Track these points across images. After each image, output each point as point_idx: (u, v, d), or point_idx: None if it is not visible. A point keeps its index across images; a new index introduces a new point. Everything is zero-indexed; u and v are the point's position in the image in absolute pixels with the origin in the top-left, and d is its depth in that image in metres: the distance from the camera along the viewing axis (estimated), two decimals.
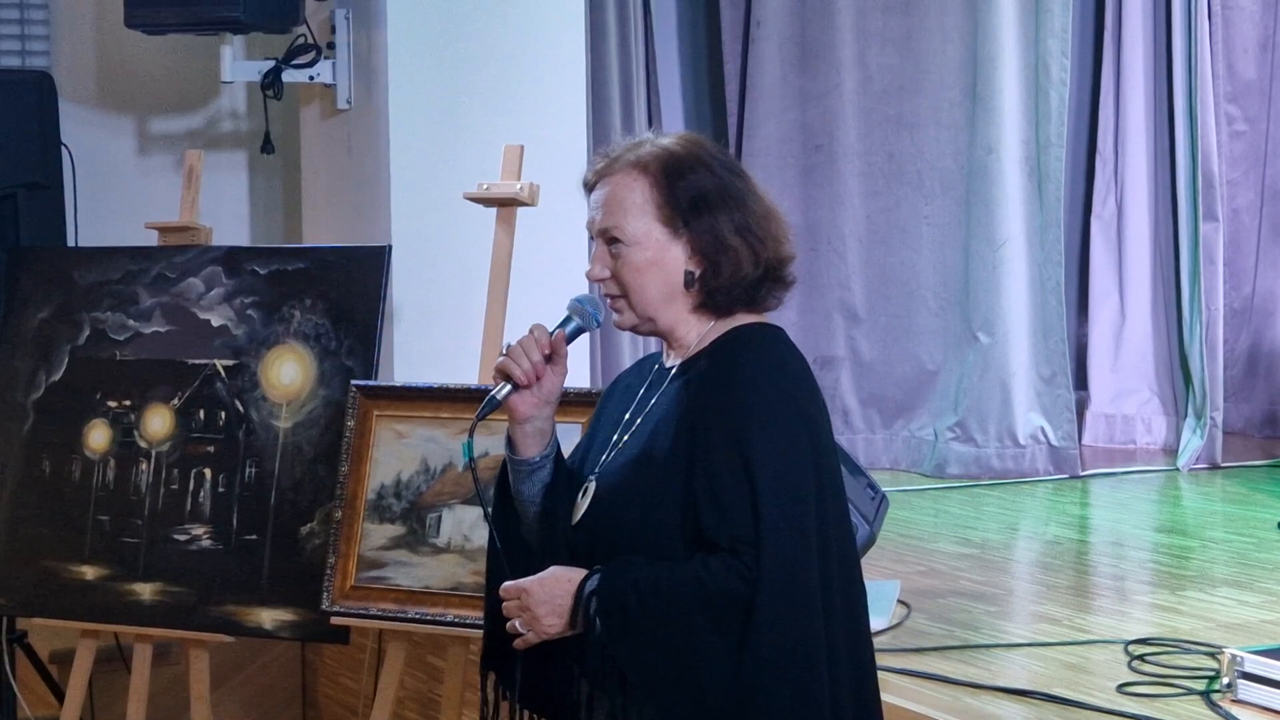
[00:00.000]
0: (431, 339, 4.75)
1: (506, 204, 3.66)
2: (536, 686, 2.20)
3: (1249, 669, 3.03)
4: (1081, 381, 6.16)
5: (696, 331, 2.13)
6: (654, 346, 2.26)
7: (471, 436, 2.17)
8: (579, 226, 5.55)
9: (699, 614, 1.98)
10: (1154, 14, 5.97)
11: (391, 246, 3.83)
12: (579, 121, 5.04)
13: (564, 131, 4.92)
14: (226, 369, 3.85)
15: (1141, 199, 6.08)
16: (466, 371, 3.73)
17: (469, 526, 3.38)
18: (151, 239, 4.17)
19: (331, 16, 5.02)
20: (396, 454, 3.50)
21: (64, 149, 4.74)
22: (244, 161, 5.64)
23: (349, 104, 5.02)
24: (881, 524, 3.80)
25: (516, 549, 2.19)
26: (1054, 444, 5.64)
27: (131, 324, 3.98)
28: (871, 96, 5.86)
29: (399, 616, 3.42)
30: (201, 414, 3.85)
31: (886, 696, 3.03)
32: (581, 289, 4.90)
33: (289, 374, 3.79)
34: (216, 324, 3.89)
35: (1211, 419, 5.73)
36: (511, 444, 2.17)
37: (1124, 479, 5.66)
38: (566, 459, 2.22)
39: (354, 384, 3.60)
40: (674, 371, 2.14)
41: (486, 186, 3.67)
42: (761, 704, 1.99)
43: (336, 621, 3.49)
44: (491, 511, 2.22)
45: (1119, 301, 6.16)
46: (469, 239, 4.31)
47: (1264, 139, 6.25)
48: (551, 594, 2.06)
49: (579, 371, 4.41)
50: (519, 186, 3.62)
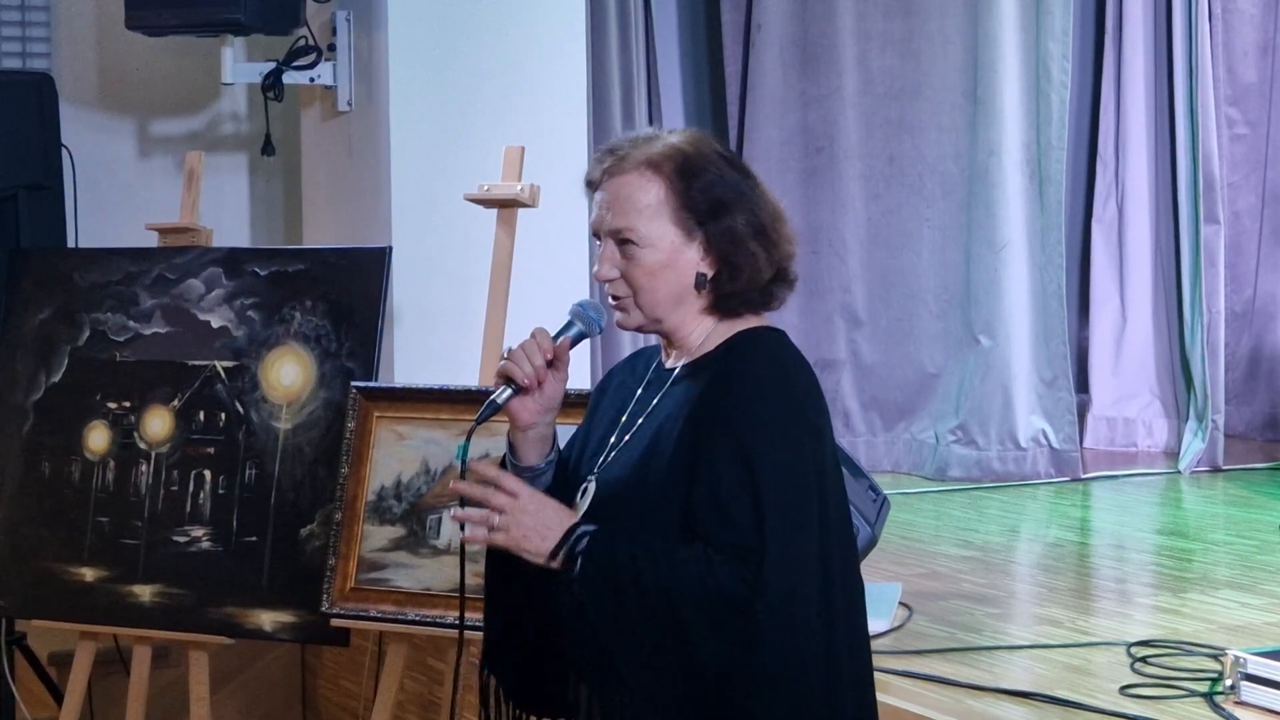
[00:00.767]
0: (432, 340, 4.74)
1: (507, 205, 3.65)
2: (534, 687, 2.18)
3: (1251, 671, 3.03)
4: (1083, 384, 6.15)
5: (700, 332, 2.11)
6: (650, 342, 2.24)
7: (469, 440, 2.15)
8: (580, 228, 5.58)
9: (693, 607, 1.95)
10: (1154, 17, 5.97)
11: (392, 248, 3.83)
12: (579, 123, 5.04)
13: (564, 133, 4.92)
14: (227, 370, 3.84)
15: (1142, 202, 6.07)
16: (467, 373, 3.73)
17: (470, 528, 3.37)
18: (152, 240, 4.17)
19: (332, 18, 5.02)
20: (397, 455, 3.50)
21: (64, 150, 4.74)
22: (245, 163, 5.64)
23: (350, 106, 5.02)
24: (883, 526, 3.79)
25: (508, 563, 2.14)
26: (1055, 447, 5.63)
27: (132, 325, 3.98)
28: (872, 99, 5.86)
29: (399, 618, 3.42)
30: (201, 415, 3.84)
31: (888, 699, 3.05)
32: (582, 290, 4.94)
33: (289, 375, 3.78)
34: (217, 325, 3.88)
35: (1213, 422, 5.72)
36: (513, 449, 2.16)
37: (1125, 482, 5.65)
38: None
39: (354, 385, 3.59)
40: (676, 373, 2.12)
41: (487, 188, 3.66)
42: (757, 712, 1.97)
43: (336, 623, 3.49)
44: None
45: (1120, 304, 6.16)
46: (470, 240, 4.30)
47: (1264, 142, 6.25)
48: (544, 514, 2.03)
49: (579, 373, 4.40)
50: (519, 188, 3.62)
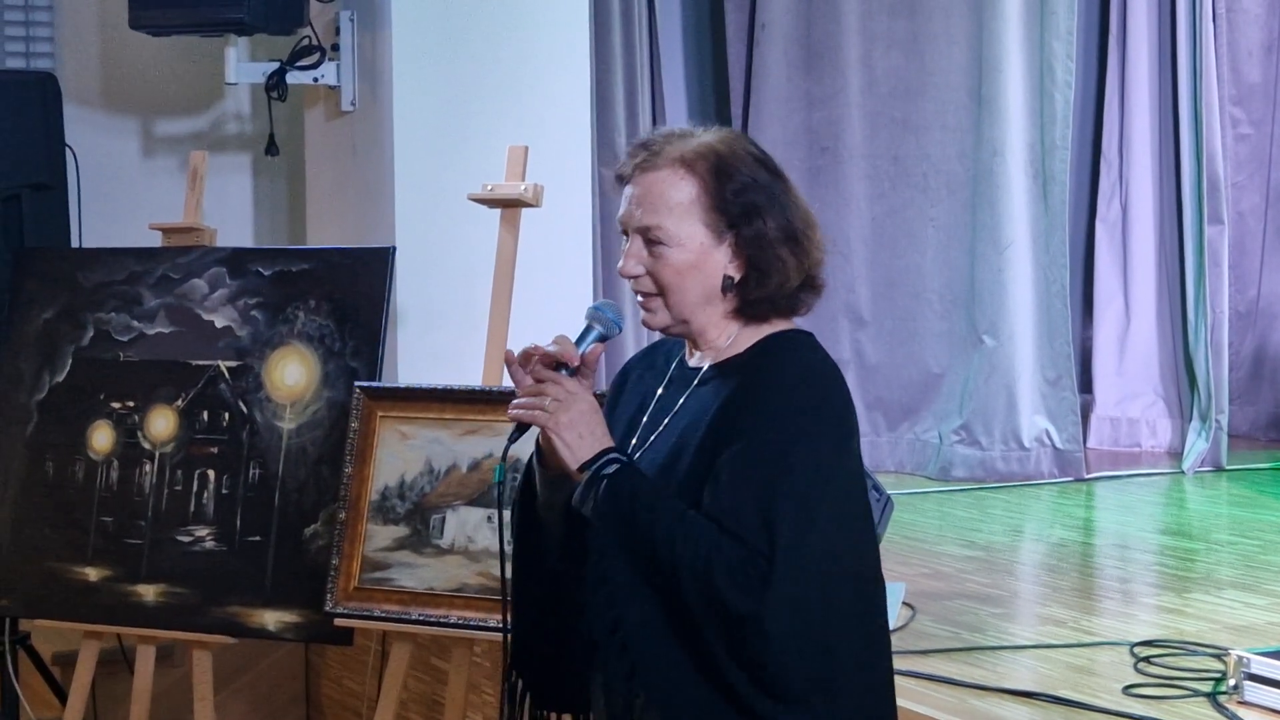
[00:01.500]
0: (436, 340, 4.75)
1: (510, 205, 3.65)
2: (558, 687, 2.16)
3: (1255, 671, 3.02)
4: (1086, 384, 6.15)
5: (727, 333, 2.08)
6: (643, 342, 2.21)
7: (504, 458, 2.11)
8: (582, 227, 5.55)
9: (691, 579, 1.92)
10: (1159, 17, 5.97)
11: (396, 248, 3.83)
12: (583, 123, 5.04)
13: (568, 133, 4.92)
14: (230, 370, 3.84)
15: (1146, 202, 6.07)
16: (471, 372, 3.73)
17: (473, 528, 3.37)
18: (155, 240, 4.17)
19: (336, 18, 5.02)
20: (400, 455, 3.50)
21: (68, 150, 4.75)
22: (248, 163, 5.64)
23: (353, 105, 5.02)
24: (886, 526, 3.78)
25: (533, 558, 2.15)
26: (1059, 447, 5.63)
27: (135, 325, 3.98)
28: (877, 99, 5.85)
29: (402, 618, 3.42)
30: (205, 415, 3.84)
31: None
32: (586, 288, 4.94)
33: (293, 375, 3.78)
34: (220, 325, 3.89)
35: (1216, 421, 5.72)
36: (541, 453, 2.11)
37: (1129, 482, 5.65)
38: None
39: (358, 385, 3.59)
40: (703, 373, 2.08)
41: (490, 187, 3.66)
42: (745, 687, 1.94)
43: (340, 623, 3.49)
44: (514, 517, 2.17)
45: (1124, 304, 6.15)
46: (473, 240, 4.31)
47: (1269, 142, 6.25)
48: (592, 421, 2.00)
49: None
50: (523, 187, 3.61)
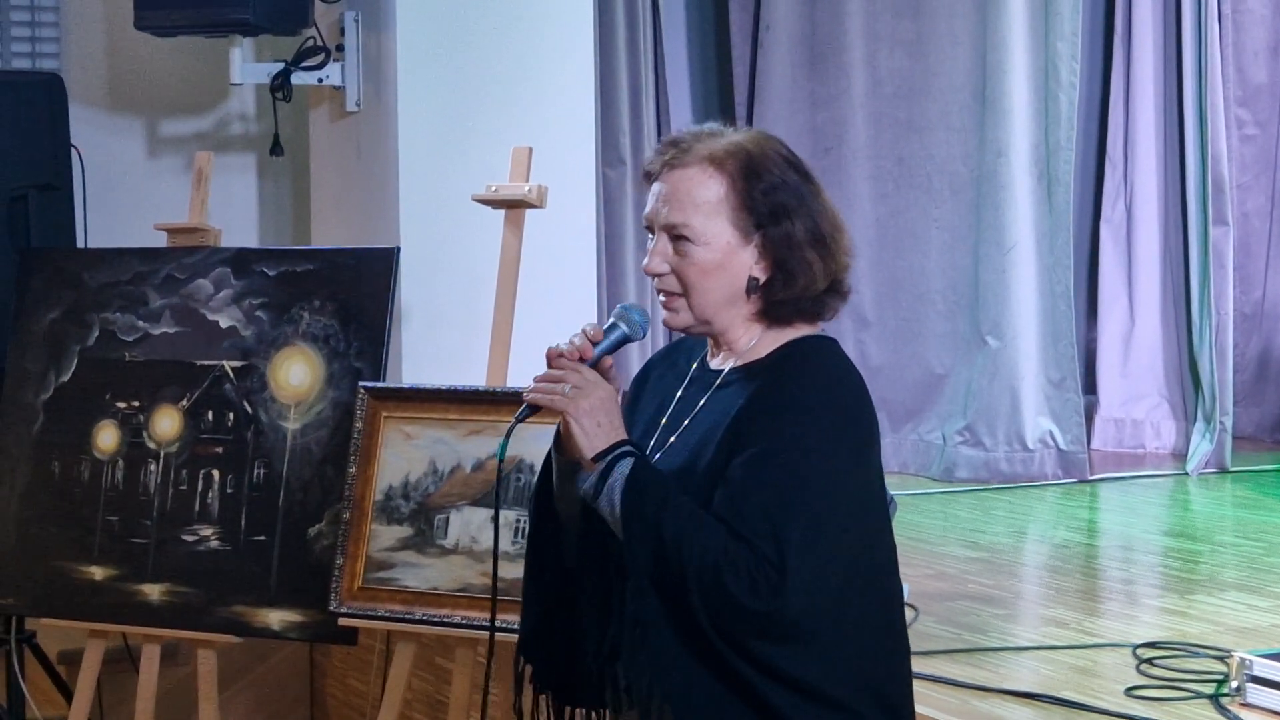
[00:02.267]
0: (440, 340, 4.75)
1: (514, 206, 3.66)
2: (568, 678, 2.16)
3: (1258, 673, 3.02)
4: (1090, 385, 6.15)
5: (750, 336, 2.07)
6: (663, 341, 2.21)
7: (507, 438, 2.10)
8: (586, 228, 5.56)
9: (697, 582, 1.91)
10: (1164, 17, 5.96)
11: (400, 248, 3.84)
12: (587, 124, 5.05)
13: (572, 134, 4.93)
14: (235, 370, 3.85)
15: (1151, 203, 6.07)
16: (475, 373, 3.74)
17: (477, 528, 3.38)
18: (160, 240, 4.18)
19: (341, 19, 5.03)
20: (404, 455, 3.50)
21: (74, 150, 4.75)
22: (253, 163, 5.65)
23: (358, 106, 5.03)
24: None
25: (548, 551, 2.14)
26: (1063, 448, 5.62)
27: (141, 325, 3.98)
28: (881, 100, 5.86)
29: (406, 618, 3.42)
30: (210, 415, 3.85)
31: None
32: (589, 290, 4.94)
33: (297, 375, 3.79)
34: (225, 325, 3.89)
35: (1221, 423, 5.71)
36: (560, 445, 2.10)
37: (1133, 483, 5.64)
38: None
39: (362, 385, 3.60)
40: (725, 375, 2.07)
41: (494, 188, 3.67)
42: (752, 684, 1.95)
43: (344, 622, 3.49)
44: (530, 509, 2.18)
45: (1128, 305, 6.15)
46: (477, 241, 4.31)
47: (1274, 143, 6.24)
48: (609, 410, 1.99)
49: None
50: (527, 188, 3.62)
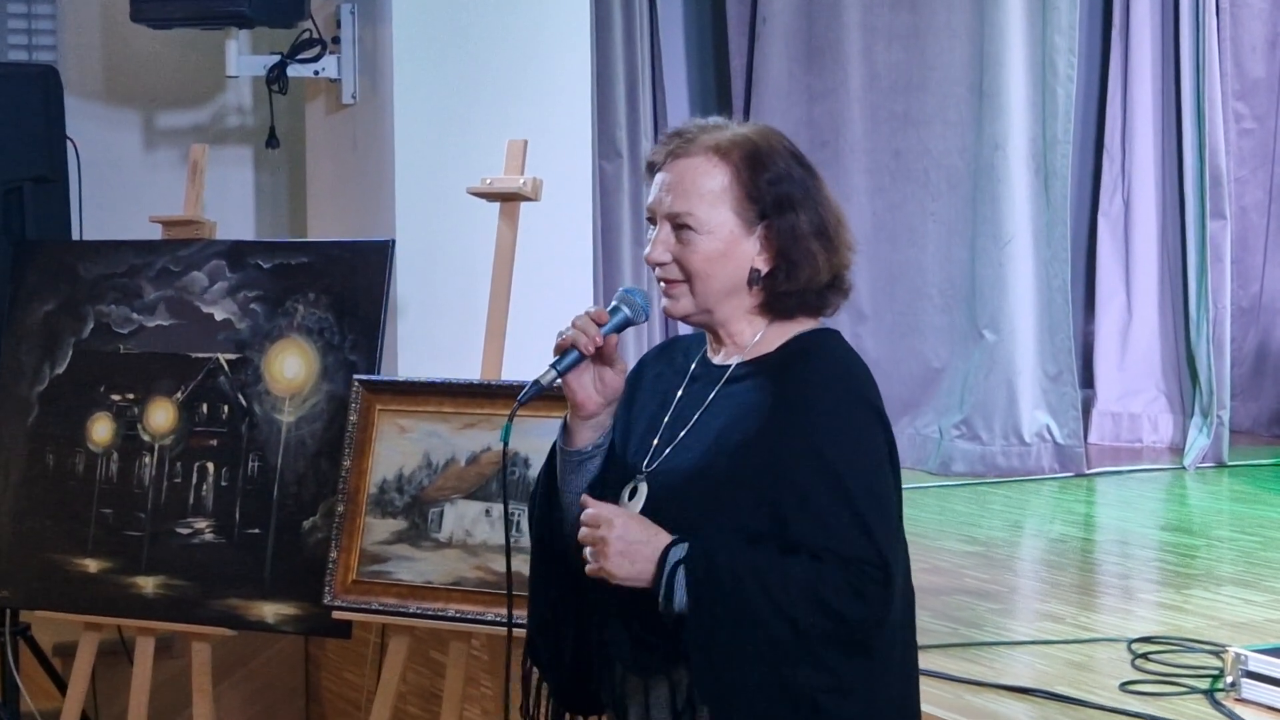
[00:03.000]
0: (436, 333, 4.75)
1: (509, 199, 3.65)
2: (576, 682, 2.16)
3: (1253, 668, 3.02)
4: (1088, 379, 6.14)
5: (752, 329, 2.06)
6: (659, 336, 2.20)
7: (510, 420, 2.09)
8: (582, 221, 5.55)
9: (810, 618, 1.90)
10: (1162, 11, 5.95)
11: (395, 241, 3.83)
12: (584, 117, 5.04)
13: (568, 127, 4.91)
14: (230, 363, 3.85)
15: (1149, 197, 6.06)
16: (470, 366, 3.73)
17: (470, 521, 3.38)
18: (156, 233, 4.17)
19: (337, 11, 5.02)
20: (399, 448, 3.50)
21: (70, 143, 4.74)
22: (249, 156, 5.64)
23: (354, 99, 5.02)
24: None
25: (552, 553, 2.15)
26: (1060, 442, 5.62)
27: (135, 317, 3.98)
28: (878, 93, 5.85)
29: (400, 611, 3.42)
30: (204, 408, 3.85)
31: None
32: (585, 283, 4.94)
33: (292, 368, 3.79)
34: (220, 318, 3.89)
35: (1218, 417, 5.71)
36: (567, 434, 2.11)
37: (1130, 477, 5.64)
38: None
39: (356, 378, 3.60)
40: (732, 371, 2.06)
41: (490, 181, 3.66)
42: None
43: (338, 616, 3.49)
44: (536, 503, 2.18)
45: (1126, 299, 6.14)
46: (473, 233, 4.30)
47: (1272, 137, 6.24)
48: (634, 537, 1.97)
49: None
50: (522, 181, 3.61)
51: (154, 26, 5.06)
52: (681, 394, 2.10)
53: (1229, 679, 3.06)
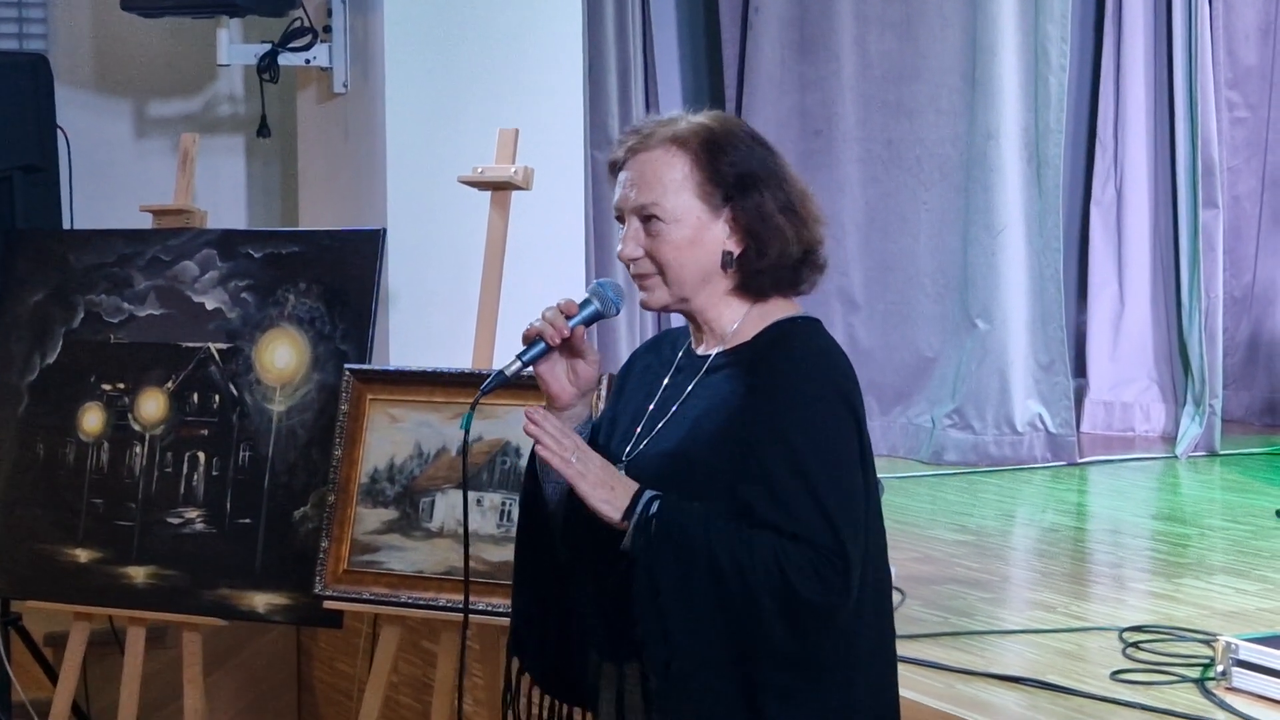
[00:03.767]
0: (427, 322, 4.74)
1: (501, 188, 3.64)
2: (558, 671, 2.17)
3: (1244, 657, 3.03)
4: (1080, 369, 6.15)
5: (730, 316, 2.07)
6: (651, 330, 2.21)
7: (472, 409, 2.09)
8: (574, 210, 5.54)
9: (769, 594, 1.91)
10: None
11: (386, 230, 3.83)
12: (576, 106, 5.03)
13: (560, 116, 4.91)
14: (221, 352, 3.84)
15: (1141, 186, 6.06)
16: (461, 355, 3.72)
17: (462, 511, 3.37)
18: (146, 222, 4.16)
19: (328, 0, 5.00)
20: (390, 438, 3.49)
21: (60, 132, 4.73)
22: (241, 145, 5.63)
23: (345, 88, 5.01)
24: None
25: (537, 546, 2.15)
26: (1052, 431, 5.62)
27: (126, 307, 3.97)
28: (870, 82, 5.84)
29: (392, 601, 3.42)
30: (195, 397, 3.84)
31: None
32: (577, 272, 4.93)
33: (283, 357, 3.78)
34: (211, 307, 3.88)
35: (1210, 407, 5.72)
36: None
37: (1122, 466, 5.65)
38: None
39: (347, 368, 3.59)
40: (711, 361, 2.08)
41: (481, 170, 3.65)
42: (793, 692, 1.95)
43: (329, 606, 3.49)
44: (521, 495, 2.19)
45: (1118, 289, 6.14)
46: (464, 223, 4.30)
47: (1265, 125, 6.24)
48: (609, 470, 1.98)
49: None
50: (513, 170, 3.61)
51: (145, 15, 5.05)
52: (666, 385, 2.11)
53: (1220, 668, 3.07)
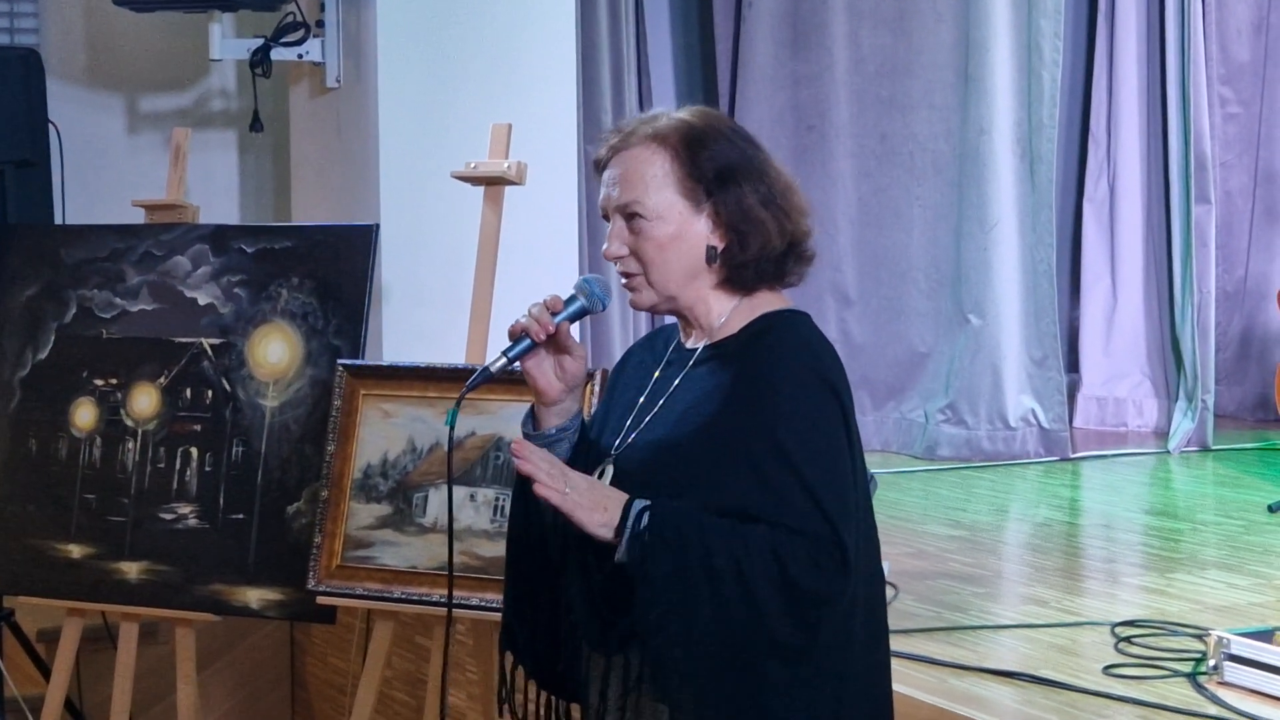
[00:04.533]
0: (420, 318, 4.74)
1: (494, 183, 3.64)
2: (549, 665, 2.17)
3: (1235, 651, 3.03)
4: (1073, 364, 6.16)
5: (718, 311, 2.08)
6: (645, 326, 2.22)
7: (458, 405, 2.09)
8: (567, 205, 5.54)
9: (769, 587, 1.91)
10: None
11: (379, 225, 3.82)
12: (569, 101, 5.02)
13: (553, 111, 4.90)
14: (213, 347, 3.83)
15: (1134, 181, 6.07)
16: (454, 350, 3.72)
17: (455, 506, 3.36)
18: (138, 217, 4.15)
19: None
20: (383, 433, 3.49)
21: (52, 126, 4.72)
22: (233, 140, 5.62)
23: (338, 82, 5.00)
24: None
25: (529, 540, 2.15)
26: (1045, 426, 5.63)
27: (118, 302, 3.96)
28: (864, 77, 5.84)
29: (385, 596, 3.41)
30: (188, 393, 3.83)
31: None
32: (570, 267, 4.93)
33: (276, 353, 3.77)
34: (203, 302, 3.87)
35: (1203, 402, 5.73)
36: (534, 421, 2.13)
37: (1115, 461, 5.66)
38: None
39: (340, 363, 3.59)
40: (698, 354, 2.08)
41: (474, 165, 3.65)
42: (786, 688, 1.95)
43: (323, 601, 3.49)
44: (512, 492, 2.19)
45: (1111, 284, 6.15)
46: (457, 218, 4.29)
47: (1257, 121, 6.25)
48: (596, 489, 1.97)
49: None
50: (506, 165, 3.60)
51: (136, 9, 5.04)
52: (656, 379, 2.12)
53: (1212, 662, 3.08)
